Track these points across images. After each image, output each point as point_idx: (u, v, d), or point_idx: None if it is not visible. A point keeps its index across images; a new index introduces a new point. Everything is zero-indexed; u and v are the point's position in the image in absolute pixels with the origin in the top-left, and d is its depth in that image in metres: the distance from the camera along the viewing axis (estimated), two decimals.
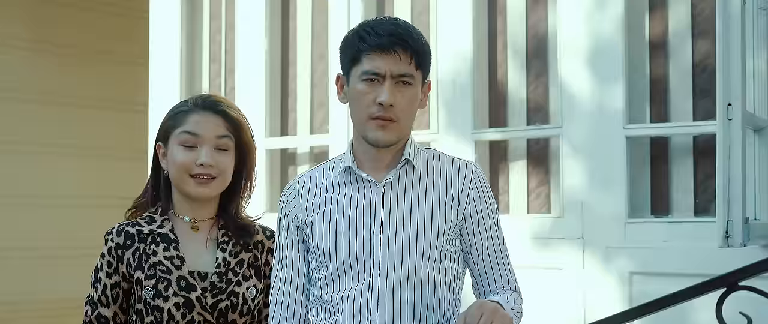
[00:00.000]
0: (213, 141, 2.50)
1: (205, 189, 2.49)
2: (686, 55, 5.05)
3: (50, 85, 4.24)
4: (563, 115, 5.21)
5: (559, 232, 5.17)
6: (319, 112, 6.29)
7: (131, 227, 2.51)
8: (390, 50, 2.26)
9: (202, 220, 2.54)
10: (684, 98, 5.03)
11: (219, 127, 2.51)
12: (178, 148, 2.50)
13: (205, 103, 2.53)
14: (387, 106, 2.28)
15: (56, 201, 4.19)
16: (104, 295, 2.49)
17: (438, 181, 2.48)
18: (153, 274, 2.44)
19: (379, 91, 2.27)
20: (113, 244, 2.50)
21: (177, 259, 2.46)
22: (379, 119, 2.31)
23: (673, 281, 4.71)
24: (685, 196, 4.97)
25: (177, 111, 2.54)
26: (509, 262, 2.58)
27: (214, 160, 2.48)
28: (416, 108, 2.38)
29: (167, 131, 2.54)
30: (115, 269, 2.49)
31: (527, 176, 5.51)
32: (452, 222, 2.45)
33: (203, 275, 2.48)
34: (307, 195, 2.47)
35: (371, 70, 2.29)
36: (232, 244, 2.53)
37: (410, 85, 2.30)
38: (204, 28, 6.85)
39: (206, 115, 2.51)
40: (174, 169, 2.50)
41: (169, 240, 2.49)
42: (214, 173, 2.49)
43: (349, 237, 2.41)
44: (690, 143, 4.98)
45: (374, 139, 2.35)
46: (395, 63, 2.27)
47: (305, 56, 6.44)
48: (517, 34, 5.59)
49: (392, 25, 2.31)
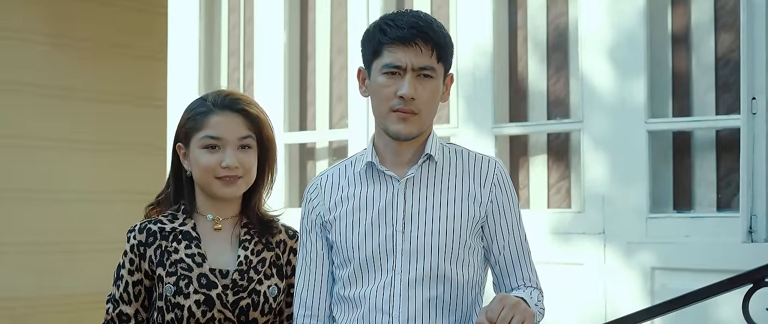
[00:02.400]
0: (236, 142, 2.51)
1: (231, 189, 2.51)
2: (709, 48, 5.02)
3: (69, 80, 4.26)
4: (584, 110, 5.19)
5: (579, 227, 5.16)
6: (339, 106, 6.29)
7: (153, 225, 2.52)
8: (411, 43, 2.26)
9: (225, 218, 2.56)
10: (707, 92, 5.01)
11: (240, 126, 2.52)
12: (200, 151, 2.51)
13: (225, 103, 2.53)
14: (408, 98, 2.28)
15: (73, 196, 4.21)
16: (126, 293, 2.51)
17: (460, 176, 2.47)
18: (174, 272, 2.46)
19: (400, 84, 2.27)
20: (135, 242, 2.51)
21: (198, 257, 2.48)
22: (399, 112, 2.31)
23: (696, 277, 4.69)
24: (707, 191, 4.95)
25: (196, 112, 2.54)
26: (531, 259, 2.58)
27: (238, 161, 2.50)
28: (438, 101, 2.38)
29: (188, 133, 2.55)
30: (138, 266, 2.50)
31: (548, 171, 5.50)
32: (474, 218, 2.45)
33: (224, 273, 2.49)
34: (331, 192, 2.48)
35: (392, 63, 2.29)
36: (254, 242, 2.54)
37: (432, 78, 2.30)
38: (222, 22, 6.86)
39: (227, 116, 2.52)
40: (199, 172, 2.51)
41: (191, 237, 2.50)
42: (240, 173, 2.50)
43: (371, 233, 2.41)
44: (713, 137, 4.96)
45: (395, 131, 2.35)
46: (416, 56, 2.27)
47: (324, 49, 6.43)
48: (537, 27, 5.57)
49: (414, 17, 2.31)
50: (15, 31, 4.07)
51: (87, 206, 4.29)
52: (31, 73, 4.13)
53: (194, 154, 2.51)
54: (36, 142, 4.15)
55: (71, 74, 4.26)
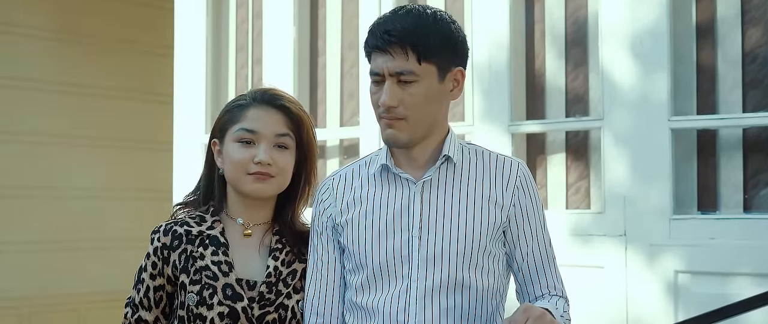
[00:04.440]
0: (272, 138, 2.42)
1: (262, 185, 2.42)
2: (736, 43, 4.93)
3: (73, 76, 4.26)
4: (605, 107, 5.13)
5: (600, 228, 5.10)
6: (350, 104, 6.24)
7: (179, 227, 2.44)
8: (384, 49, 2.24)
9: (256, 223, 2.47)
10: (733, 88, 4.92)
11: (278, 123, 2.44)
12: (234, 145, 2.43)
13: (264, 97, 2.46)
14: (386, 106, 2.27)
15: (76, 193, 4.22)
16: (146, 298, 2.42)
17: (480, 179, 2.43)
18: (198, 280, 2.37)
19: (382, 92, 2.28)
20: (159, 244, 2.43)
21: (225, 265, 2.39)
22: (384, 119, 2.32)
23: (721, 281, 4.67)
24: (734, 192, 4.86)
25: (234, 105, 2.48)
26: (556, 266, 2.54)
27: (272, 158, 2.41)
28: (436, 101, 2.33)
29: (223, 127, 2.48)
30: (160, 271, 2.42)
31: (566, 170, 5.44)
32: (496, 223, 2.41)
33: (251, 284, 2.41)
34: (343, 193, 2.43)
35: (373, 71, 2.30)
36: (285, 252, 2.46)
37: (415, 82, 2.26)
38: (230, 17, 6.82)
39: (265, 110, 2.44)
40: (230, 167, 2.43)
41: (219, 243, 2.42)
42: (273, 172, 2.42)
43: (385, 238, 2.37)
44: (739, 136, 4.87)
45: (385, 139, 2.38)
46: (391, 61, 2.24)
47: (335, 45, 6.38)
48: (555, 20, 5.50)
49: (394, 19, 2.29)
50: (18, 27, 4.08)
51: (90, 203, 4.30)
52: (33, 68, 4.14)
53: (228, 149, 2.44)
54: (38, 138, 4.16)
55: (75, 70, 4.28)
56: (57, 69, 4.25)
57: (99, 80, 4.39)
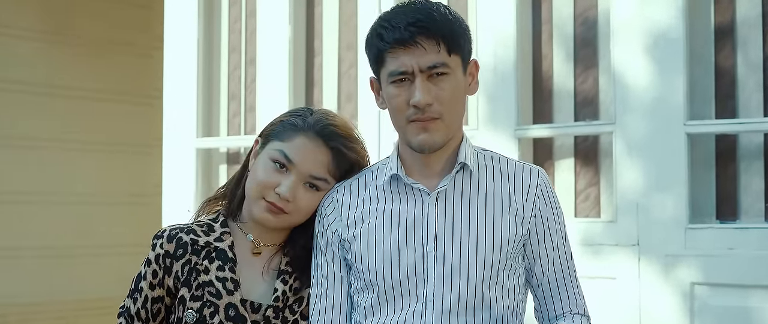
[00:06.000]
0: (305, 176, 2.26)
1: (271, 217, 2.26)
2: (757, 44, 4.88)
3: (61, 78, 4.27)
4: (616, 110, 5.08)
5: (611, 238, 5.05)
6: (347, 106, 6.19)
7: (185, 234, 2.27)
8: (412, 42, 2.09)
9: (266, 243, 2.33)
10: (753, 92, 4.87)
11: (320, 165, 2.26)
12: (267, 161, 2.27)
13: (323, 131, 2.27)
14: (423, 106, 2.11)
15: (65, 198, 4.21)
16: (144, 309, 2.27)
17: (499, 188, 2.30)
18: (200, 296, 2.22)
19: (411, 91, 2.11)
20: (162, 251, 2.27)
21: (231, 283, 2.24)
22: (418, 121, 2.14)
23: (741, 293, 4.63)
24: (754, 200, 4.82)
25: (293, 120, 2.29)
26: (578, 281, 2.43)
27: (295, 195, 2.24)
28: (463, 97, 2.21)
29: (270, 135, 2.31)
30: (160, 281, 2.26)
31: (575, 176, 5.39)
32: (516, 236, 2.29)
33: (256, 307, 2.26)
34: (349, 207, 2.29)
35: (397, 70, 2.12)
36: (294, 277, 2.31)
37: (447, 75, 2.13)
38: (222, 16, 6.76)
39: (314, 144, 2.26)
40: (252, 183, 2.27)
41: (226, 258, 2.26)
42: (288, 209, 2.26)
43: (398, 255, 2.24)
44: (760, 141, 4.82)
45: (418, 144, 2.18)
46: (422, 55, 2.10)
47: (332, 46, 6.31)
48: (564, 20, 5.43)
49: (411, 11, 2.13)
50: (4, 27, 4.08)
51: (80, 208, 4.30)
52: (20, 70, 4.16)
53: (260, 161, 2.28)
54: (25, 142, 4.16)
55: (64, 72, 4.27)
56: (44, 71, 4.22)
57: (88, 82, 4.37)
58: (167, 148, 6.41)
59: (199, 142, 6.57)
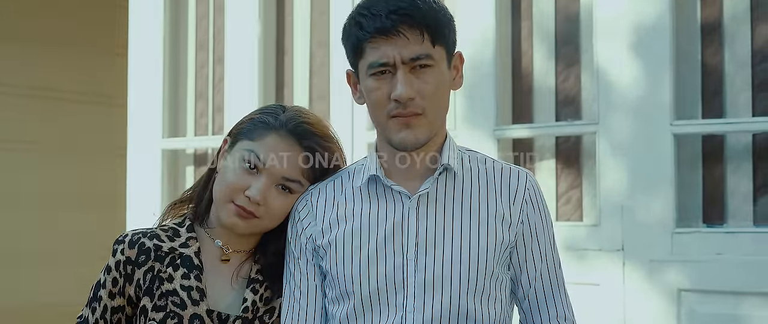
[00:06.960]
0: (277, 179, 2.14)
1: (241, 222, 2.14)
2: (745, 41, 4.81)
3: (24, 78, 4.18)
4: (600, 109, 5.00)
5: (594, 242, 4.97)
6: (319, 106, 6.10)
7: (149, 240, 2.15)
8: (393, 31, 2.00)
9: (236, 249, 2.21)
10: (741, 91, 4.80)
11: (293, 166, 2.14)
12: (237, 162, 2.15)
13: (296, 130, 2.15)
14: (405, 99, 2.02)
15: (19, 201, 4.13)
16: (102, 320, 2.15)
17: (485, 192, 2.20)
18: (163, 306, 2.10)
19: (393, 84, 2.03)
20: (123, 258, 2.14)
21: (196, 292, 2.12)
22: (399, 117, 2.05)
23: (729, 300, 4.58)
24: (742, 203, 4.75)
25: (264, 118, 2.17)
26: (566, 291, 2.35)
27: (266, 199, 2.12)
28: (448, 91, 2.14)
29: (239, 133, 2.19)
30: (121, 290, 2.14)
31: (556, 178, 5.31)
32: (503, 243, 2.20)
33: (223, 318, 2.14)
34: (325, 210, 2.17)
35: (377, 61, 2.03)
36: (264, 286, 2.20)
37: (431, 68, 2.06)
38: (189, 13, 6.66)
39: (287, 143, 2.14)
40: (220, 185, 2.15)
41: (192, 266, 2.13)
42: (259, 213, 2.14)
43: (375, 263, 2.13)
44: (749, 142, 4.75)
45: (400, 141, 2.08)
46: (404, 46, 2.02)
47: (303, 43, 6.19)
48: (545, 15, 5.33)
49: (397, 0, 2.03)
50: None
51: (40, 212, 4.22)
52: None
53: (228, 162, 2.16)
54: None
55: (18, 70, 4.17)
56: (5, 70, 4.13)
57: (50, 82, 4.27)
58: (132, 149, 6.32)
59: (165, 143, 6.45)
